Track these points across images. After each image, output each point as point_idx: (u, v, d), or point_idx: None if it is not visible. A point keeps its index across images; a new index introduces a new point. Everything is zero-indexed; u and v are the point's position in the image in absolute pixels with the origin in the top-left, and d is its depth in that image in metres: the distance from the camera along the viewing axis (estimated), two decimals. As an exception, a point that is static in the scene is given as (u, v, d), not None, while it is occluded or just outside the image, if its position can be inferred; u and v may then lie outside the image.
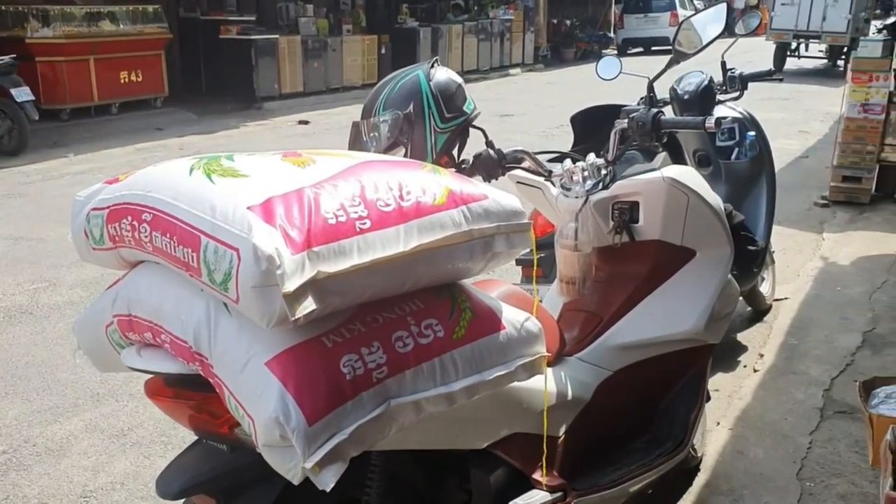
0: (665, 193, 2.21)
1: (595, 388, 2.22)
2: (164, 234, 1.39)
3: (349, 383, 1.32)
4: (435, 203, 1.45)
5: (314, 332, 1.34)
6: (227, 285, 1.28)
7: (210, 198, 1.35)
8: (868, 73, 6.06)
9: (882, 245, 5.19)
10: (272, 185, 1.35)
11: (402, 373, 1.39)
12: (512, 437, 1.86)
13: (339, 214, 1.32)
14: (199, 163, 1.47)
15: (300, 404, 1.26)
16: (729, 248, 2.39)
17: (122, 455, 2.87)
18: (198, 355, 1.40)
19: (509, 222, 1.53)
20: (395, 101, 2.14)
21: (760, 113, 10.92)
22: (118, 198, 1.52)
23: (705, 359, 2.44)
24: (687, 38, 2.56)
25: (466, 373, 1.47)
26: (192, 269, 1.35)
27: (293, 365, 1.30)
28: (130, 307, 1.54)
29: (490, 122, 10.73)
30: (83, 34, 10.44)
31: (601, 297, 2.37)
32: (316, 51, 13.50)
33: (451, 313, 1.49)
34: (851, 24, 15.95)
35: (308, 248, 1.26)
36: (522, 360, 1.56)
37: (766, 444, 2.88)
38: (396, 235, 1.37)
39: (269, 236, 1.24)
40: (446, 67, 2.22)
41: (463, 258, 1.49)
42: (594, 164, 2.26)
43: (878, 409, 2.37)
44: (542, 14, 20.96)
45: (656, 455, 2.30)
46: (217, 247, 1.29)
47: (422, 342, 1.42)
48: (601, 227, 2.30)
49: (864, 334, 3.77)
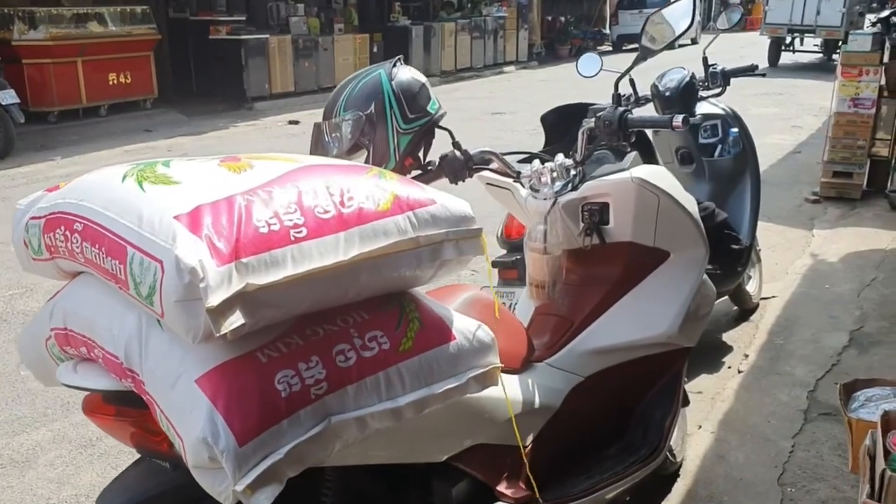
0: (634, 194, 2.15)
1: (566, 395, 2.16)
2: (94, 244, 1.33)
3: (285, 400, 1.25)
4: (378, 209, 1.38)
5: (248, 347, 1.27)
6: (152, 299, 1.21)
7: (139, 207, 1.29)
8: (858, 68, 5.99)
9: (872, 241, 5.13)
10: (203, 192, 1.29)
11: (344, 388, 1.32)
12: (474, 448, 1.80)
13: (271, 223, 1.26)
14: (134, 170, 1.41)
15: (230, 424, 1.20)
16: (703, 248, 2.33)
17: (89, 466, 2.81)
18: (129, 371, 1.34)
19: (458, 228, 1.47)
20: (355, 102, 2.08)
21: (754, 108, 10.94)
22: (54, 206, 1.46)
23: (681, 362, 2.38)
24: (660, 33, 2.50)
25: (414, 386, 1.41)
26: (120, 281, 1.28)
27: (224, 382, 1.23)
28: (66, 320, 1.48)
29: (481, 121, 10.69)
30: (70, 36, 10.38)
31: (572, 301, 2.31)
32: (307, 50, 13.44)
33: (398, 324, 1.43)
34: (846, 17, 15.91)
35: (236, 260, 1.20)
36: (474, 372, 1.49)
37: (748, 447, 2.82)
38: (335, 244, 1.31)
39: (194, 247, 1.18)
40: (410, 66, 2.15)
41: (409, 266, 1.42)
42: (562, 164, 2.19)
43: (858, 413, 2.31)
44: (536, 11, 20.88)
45: (630, 462, 2.24)
46: (142, 258, 1.23)
47: (365, 355, 1.36)
48: (571, 229, 2.24)
49: (851, 333, 3.71)
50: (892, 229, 5.35)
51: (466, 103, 12.58)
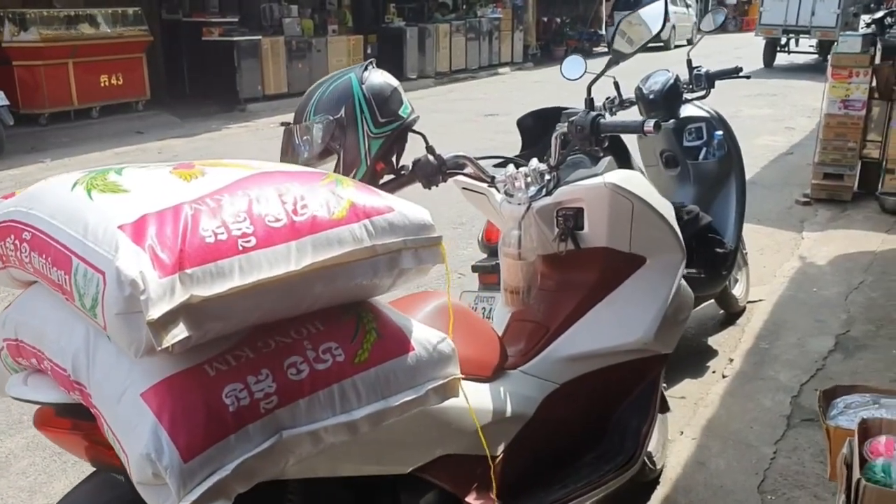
0: (608, 200, 2.12)
1: (540, 403, 2.12)
2: (41, 254, 1.30)
3: (232, 415, 1.22)
4: (333, 217, 1.35)
5: (196, 360, 1.24)
6: (95, 311, 1.18)
7: (85, 216, 1.25)
8: (848, 69, 5.97)
9: (862, 243, 5.10)
10: (150, 201, 1.26)
11: (296, 402, 1.29)
12: (442, 458, 1.77)
13: (218, 232, 1.23)
14: (85, 177, 1.38)
15: (175, 440, 1.17)
16: (680, 253, 2.30)
17: (62, 475, 2.77)
18: (77, 384, 1.30)
19: (417, 236, 1.44)
20: (325, 106, 2.06)
21: (747, 109, 10.91)
22: (6, 215, 1.42)
23: (658, 369, 2.35)
24: (637, 34, 2.47)
25: (370, 399, 1.37)
26: (66, 292, 1.25)
27: (170, 396, 1.20)
28: (18, 331, 1.45)
29: (475, 122, 10.66)
30: (62, 37, 10.32)
31: (548, 307, 2.28)
32: (300, 51, 13.38)
33: (354, 335, 1.39)
34: (840, 18, 15.89)
35: (179, 271, 1.16)
36: (433, 384, 1.46)
37: (730, 454, 2.79)
38: (287, 253, 1.27)
39: (136, 258, 1.15)
40: (382, 70, 2.13)
41: (366, 276, 1.39)
42: (537, 169, 2.16)
43: (837, 420, 2.27)
44: (532, 12, 20.84)
45: (606, 471, 2.20)
46: (86, 269, 1.19)
47: (318, 368, 1.33)
48: (545, 234, 2.21)
49: (836, 337, 3.68)
50: (881, 231, 5.33)
51: (461, 105, 12.56)
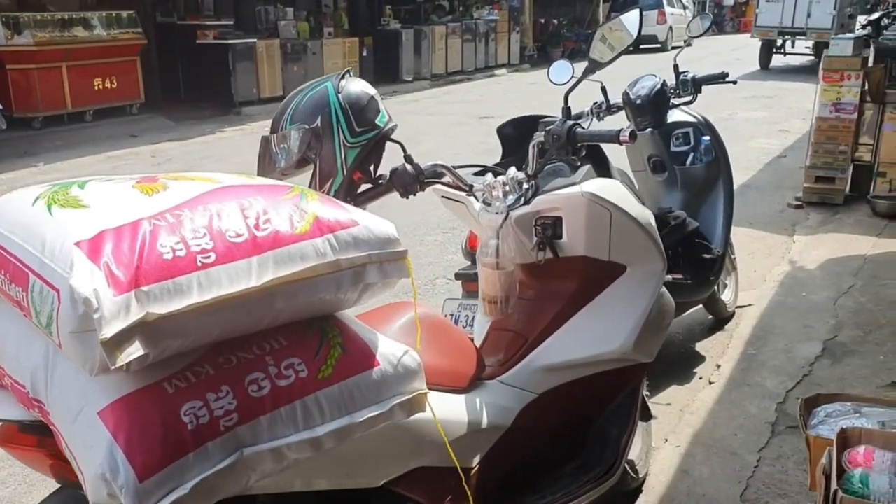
0: (585, 209, 2.11)
1: (517, 413, 2.11)
2: (0, 269, 1.29)
3: (191, 433, 1.21)
4: (296, 232, 1.34)
5: (155, 377, 1.23)
6: (50, 329, 1.17)
7: (43, 232, 1.24)
8: (839, 72, 5.96)
9: (852, 247, 5.09)
10: (109, 216, 1.24)
11: (257, 419, 1.28)
12: (415, 471, 1.75)
13: (177, 248, 1.21)
14: (48, 192, 1.36)
15: (130, 459, 1.15)
16: (661, 262, 2.29)
17: (42, 485, 2.75)
18: (35, 401, 1.30)
19: (382, 251, 1.42)
20: (301, 115, 2.05)
21: (742, 111, 10.88)
22: None
23: (638, 378, 2.34)
24: (618, 40, 2.46)
25: (334, 415, 1.36)
26: (24, 309, 1.24)
27: (126, 415, 1.19)
28: (-22, 347, 1.44)
29: (469, 125, 10.65)
30: (55, 41, 10.30)
31: (527, 317, 2.27)
32: (296, 54, 13.37)
33: (317, 350, 1.38)
34: (836, 20, 15.89)
35: (135, 288, 1.15)
36: (399, 399, 1.45)
37: (713, 462, 2.78)
38: (248, 269, 1.26)
39: (90, 276, 1.13)
40: (359, 79, 2.12)
41: (330, 290, 1.37)
42: (515, 178, 2.15)
43: (817, 430, 2.26)
44: (528, 13, 20.83)
45: (585, 481, 2.19)
46: (42, 286, 1.18)
47: (280, 384, 1.31)
48: (524, 243, 2.20)
49: (824, 343, 3.66)
50: (872, 235, 5.32)
51: (456, 107, 12.55)
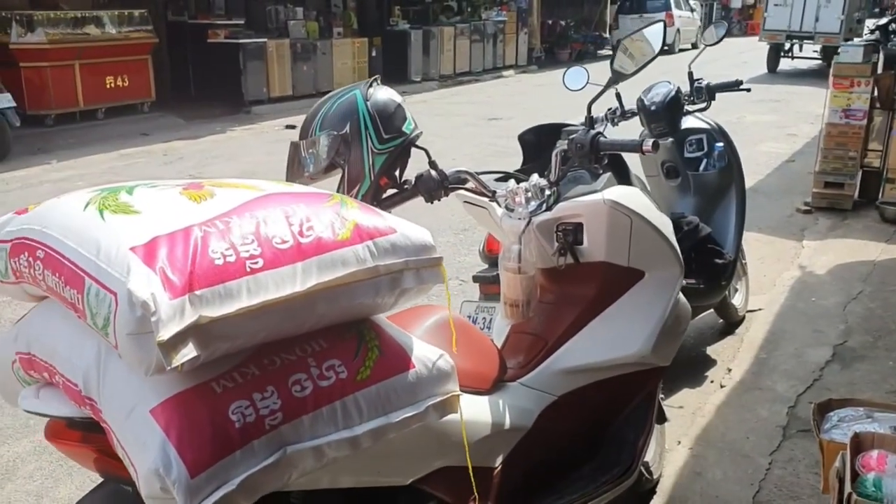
0: (607, 216, 2.16)
1: (538, 415, 2.16)
2: (55, 272, 1.34)
3: (238, 431, 1.26)
4: (338, 238, 1.39)
5: (204, 378, 1.28)
6: (107, 330, 1.23)
7: (97, 237, 1.30)
8: (849, 79, 6.01)
9: (861, 253, 5.14)
10: (161, 222, 1.30)
11: (300, 418, 1.33)
12: (442, 470, 1.81)
13: (227, 254, 1.27)
14: (97, 197, 1.42)
15: (182, 455, 1.21)
16: (678, 268, 2.34)
17: (69, 479, 2.82)
18: (88, 399, 1.35)
19: (419, 257, 1.48)
20: (331, 122, 2.10)
21: (750, 115, 10.91)
22: (20, 231, 1.46)
23: (654, 382, 2.39)
24: (639, 51, 2.51)
25: (371, 415, 1.42)
26: (79, 310, 1.29)
27: (178, 413, 1.24)
28: (30, 345, 1.50)
29: (477, 126, 10.69)
30: (68, 39, 10.38)
31: (547, 320, 2.32)
32: (305, 54, 13.43)
33: (356, 352, 1.44)
34: (844, 24, 15.90)
35: (189, 292, 1.21)
36: (433, 400, 1.50)
37: (726, 464, 2.83)
38: (293, 274, 1.32)
39: (147, 280, 1.19)
40: (386, 87, 2.17)
41: (369, 295, 1.43)
42: (537, 184, 2.20)
43: (830, 434, 2.31)
44: (536, 15, 20.87)
45: (602, 482, 2.24)
46: (98, 289, 1.24)
47: (322, 385, 1.37)
48: (545, 248, 2.25)
49: (834, 348, 3.71)
50: (881, 241, 5.37)
51: (464, 108, 12.59)
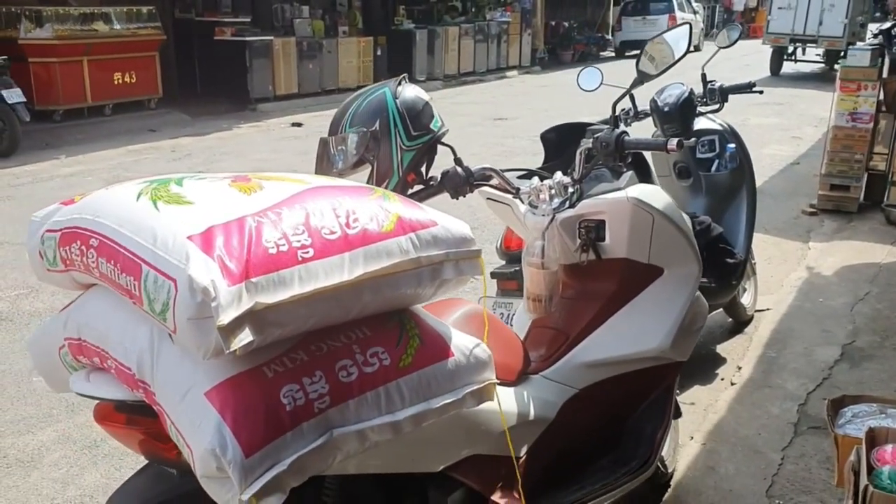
0: (629, 213, 2.21)
1: (560, 407, 2.21)
2: (109, 260, 1.39)
3: (289, 414, 1.31)
4: (382, 230, 1.44)
5: (256, 362, 1.33)
6: (165, 315, 1.27)
7: (153, 226, 1.34)
8: (856, 83, 6.06)
9: (867, 255, 5.19)
10: (215, 213, 1.35)
11: (346, 402, 1.38)
12: (470, 458, 1.86)
13: (280, 243, 1.32)
14: (148, 188, 1.46)
15: (237, 436, 1.26)
16: (697, 265, 2.39)
17: (94, 467, 2.87)
18: (141, 382, 1.40)
19: (458, 249, 1.53)
20: (361, 119, 2.14)
21: (754, 118, 10.97)
22: (70, 221, 1.51)
23: (673, 376, 2.44)
24: (660, 53, 2.56)
25: (413, 401, 1.47)
26: (134, 297, 1.34)
27: (232, 396, 1.29)
28: (80, 331, 1.54)
29: (483, 126, 10.75)
30: (77, 35, 10.44)
31: (568, 315, 2.37)
32: (311, 52, 13.50)
33: (398, 341, 1.49)
34: (847, 28, 15.97)
35: (246, 279, 1.26)
36: (471, 388, 1.55)
37: (738, 459, 2.88)
38: (341, 264, 1.37)
39: (206, 267, 1.24)
40: (414, 85, 2.21)
41: (411, 285, 1.48)
42: (561, 182, 2.25)
43: (845, 429, 2.36)
44: (540, 16, 20.95)
45: (621, 474, 2.29)
46: (157, 276, 1.28)
47: (367, 371, 1.42)
48: (568, 244, 2.30)
49: (843, 347, 3.77)
50: (887, 243, 5.42)
51: (469, 108, 12.64)
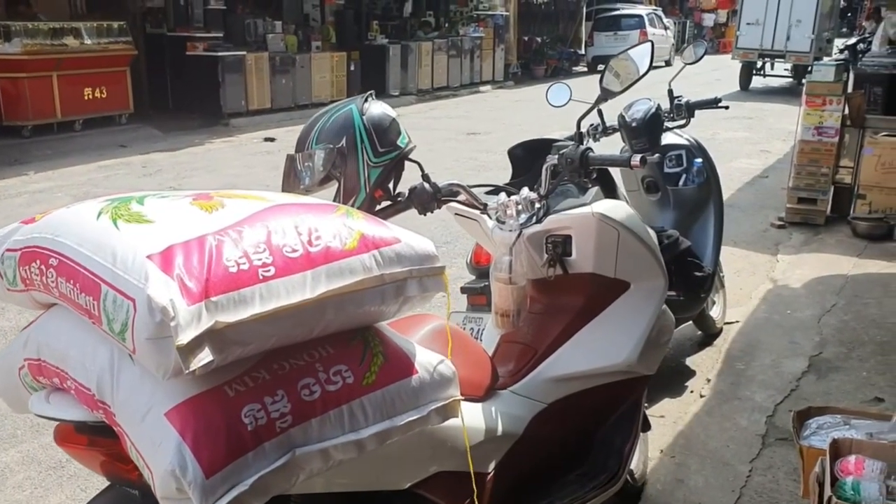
0: (595, 228, 2.23)
1: (528, 422, 2.22)
2: (69, 280, 1.38)
3: (251, 433, 1.31)
4: (345, 248, 1.44)
5: (216, 381, 1.33)
6: (124, 335, 1.26)
7: (112, 245, 1.33)
8: (821, 97, 6.16)
9: (834, 267, 5.27)
10: (175, 231, 1.34)
11: (308, 421, 1.38)
12: (437, 475, 1.85)
13: (241, 262, 1.31)
14: (109, 206, 1.45)
15: (197, 457, 1.25)
16: (663, 279, 2.41)
17: (59, 488, 2.83)
18: (101, 403, 1.38)
19: (422, 266, 1.53)
20: (327, 135, 2.13)
21: (723, 132, 11.10)
22: (30, 240, 1.50)
23: (640, 390, 2.45)
24: (625, 70, 2.59)
25: (377, 419, 1.47)
26: (94, 317, 1.33)
27: (192, 416, 1.28)
28: (40, 351, 1.52)
29: (456, 141, 10.79)
30: (46, 50, 10.32)
31: (536, 330, 2.38)
32: (284, 67, 13.47)
33: (362, 358, 1.49)
34: (815, 43, 16.27)
35: (206, 298, 1.25)
36: (435, 405, 1.55)
37: (707, 472, 2.90)
38: (303, 282, 1.37)
39: (165, 287, 1.23)
40: (381, 101, 2.22)
41: (374, 303, 1.48)
42: (527, 198, 2.27)
43: (810, 441, 2.39)
44: (513, 31, 21.09)
45: (590, 488, 2.30)
46: (116, 296, 1.27)
47: (330, 389, 1.41)
48: (535, 260, 2.31)
49: (810, 359, 3.81)
50: (853, 255, 5.50)
51: (442, 123, 12.68)
